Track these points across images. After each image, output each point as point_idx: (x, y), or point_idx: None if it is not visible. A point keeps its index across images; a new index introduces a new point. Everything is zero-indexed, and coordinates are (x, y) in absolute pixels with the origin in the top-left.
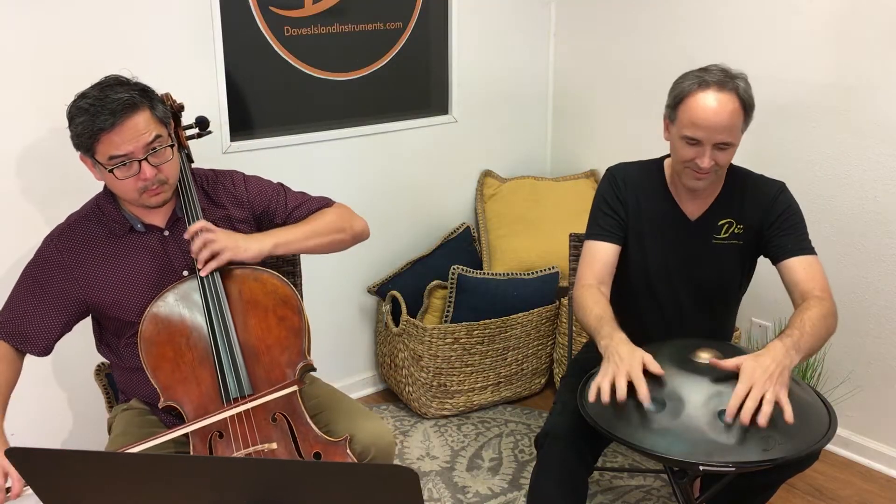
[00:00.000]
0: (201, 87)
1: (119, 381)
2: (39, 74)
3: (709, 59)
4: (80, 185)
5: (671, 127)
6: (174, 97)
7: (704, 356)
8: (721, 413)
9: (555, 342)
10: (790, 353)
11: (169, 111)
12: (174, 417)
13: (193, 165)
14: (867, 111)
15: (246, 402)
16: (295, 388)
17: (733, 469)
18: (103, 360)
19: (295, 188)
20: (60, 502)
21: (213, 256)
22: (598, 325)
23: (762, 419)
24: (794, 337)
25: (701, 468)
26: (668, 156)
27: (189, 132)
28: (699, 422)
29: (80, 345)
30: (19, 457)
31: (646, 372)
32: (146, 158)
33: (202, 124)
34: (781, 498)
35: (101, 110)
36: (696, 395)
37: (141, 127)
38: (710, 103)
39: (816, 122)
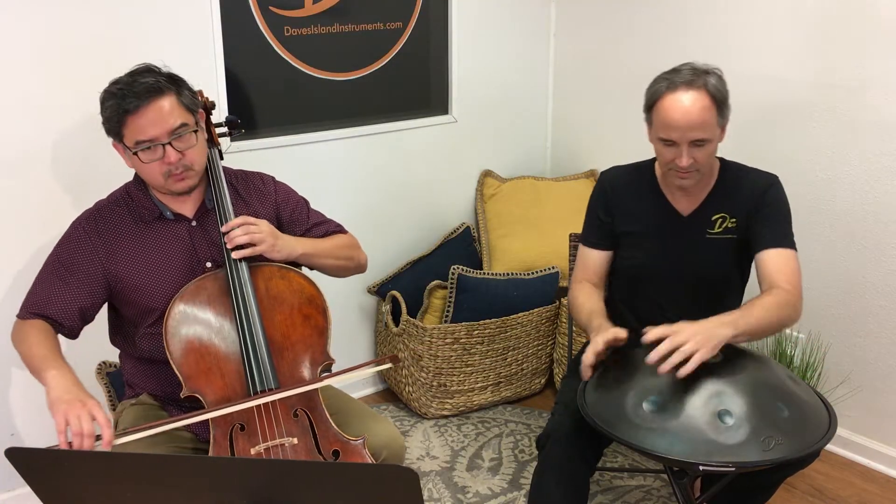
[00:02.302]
0: (201, 87)
1: (130, 374)
2: (38, 74)
3: (709, 59)
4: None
5: (650, 130)
6: (206, 95)
7: None
8: (721, 413)
9: (555, 342)
10: (724, 326)
11: (199, 101)
12: (190, 410)
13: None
14: (867, 111)
15: (274, 394)
16: (326, 383)
17: (733, 469)
18: (105, 358)
19: (295, 188)
20: (60, 502)
21: (249, 245)
22: (589, 319)
23: (682, 372)
24: (734, 315)
25: (701, 468)
26: None
27: (219, 130)
28: (699, 422)
29: (81, 344)
30: (19, 457)
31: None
32: (170, 143)
33: (230, 124)
34: (781, 498)
35: (127, 94)
36: (696, 396)
37: (165, 111)
38: (680, 103)
39: (816, 121)
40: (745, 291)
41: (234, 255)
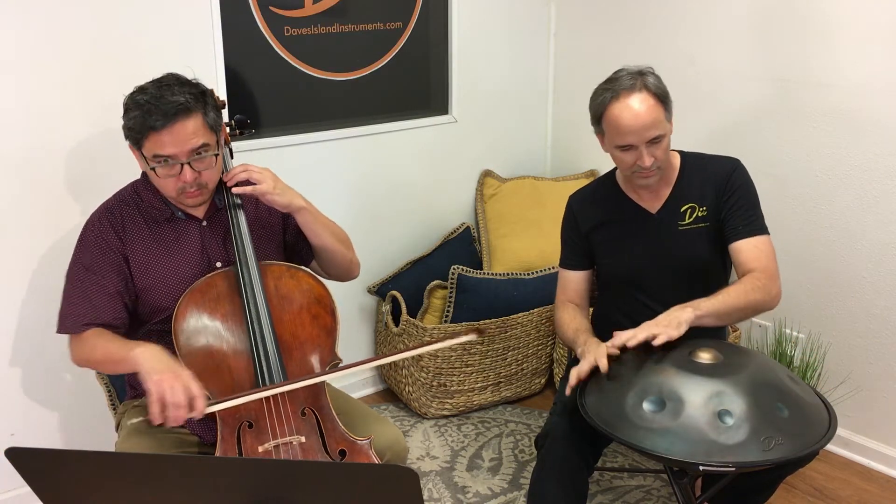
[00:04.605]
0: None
1: (132, 375)
2: (38, 74)
3: (709, 59)
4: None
5: (604, 140)
6: (217, 95)
7: (704, 356)
8: (721, 413)
9: (555, 342)
10: (685, 308)
11: (221, 119)
12: None
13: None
14: (867, 111)
15: (282, 385)
16: (334, 374)
17: (733, 469)
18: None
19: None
20: (60, 502)
21: (248, 182)
22: (575, 336)
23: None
24: (699, 300)
25: (701, 468)
26: None
27: (228, 129)
28: (699, 422)
29: None
30: (19, 457)
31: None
32: (189, 163)
33: (240, 124)
34: (781, 498)
35: (154, 109)
36: (696, 395)
37: (189, 132)
38: (629, 108)
39: (816, 122)
40: (728, 276)
41: (229, 182)
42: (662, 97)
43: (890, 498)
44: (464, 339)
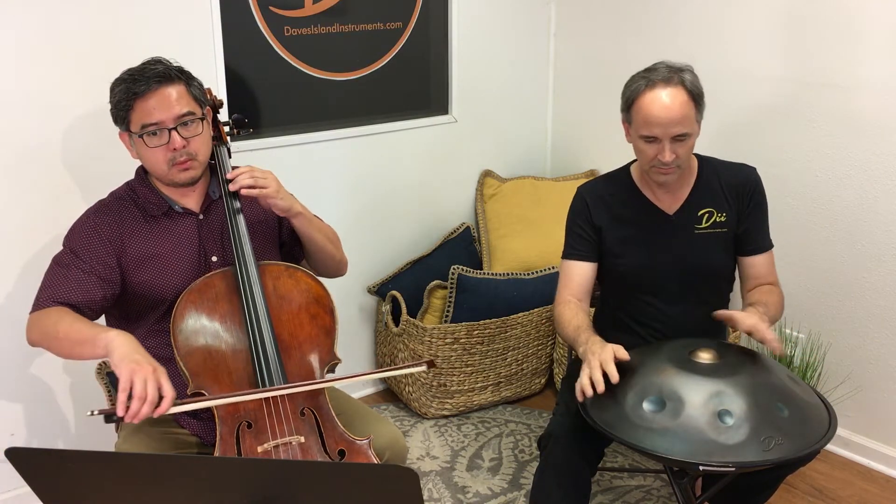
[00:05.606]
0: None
1: None
2: (38, 74)
3: (709, 59)
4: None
5: (630, 129)
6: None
7: (704, 356)
8: (721, 413)
9: (555, 342)
10: (764, 318)
11: (206, 96)
12: (198, 409)
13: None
14: (867, 111)
15: (284, 389)
16: (333, 384)
17: (733, 469)
18: (105, 358)
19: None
20: (60, 502)
21: (253, 186)
22: (576, 334)
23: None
24: (761, 311)
25: (701, 468)
26: (636, 160)
27: (226, 129)
28: (699, 422)
29: None
30: (19, 457)
31: (624, 366)
32: (176, 128)
33: (237, 123)
34: (781, 498)
35: (137, 79)
36: (696, 395)
37: (173, 97)
38: (660, 100)
39: (816, 122)
40: (734, 281)
41: (231, 186)
42: (696, 96)
43: (890, 498)
44: (414, 369)
